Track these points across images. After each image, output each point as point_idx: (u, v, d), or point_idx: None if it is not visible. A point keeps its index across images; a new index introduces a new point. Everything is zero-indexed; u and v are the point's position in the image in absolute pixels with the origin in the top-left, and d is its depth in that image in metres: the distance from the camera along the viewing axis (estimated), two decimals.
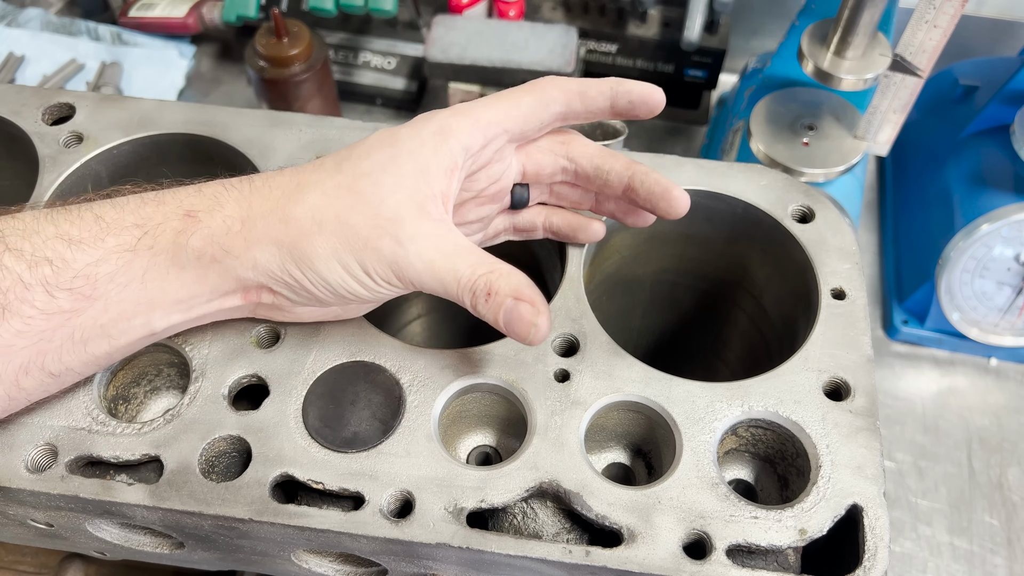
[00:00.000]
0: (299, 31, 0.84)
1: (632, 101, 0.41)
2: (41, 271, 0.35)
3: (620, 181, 0.43)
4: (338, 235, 0.37)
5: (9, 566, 0.61)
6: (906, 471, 0.74)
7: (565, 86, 0.40)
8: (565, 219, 0.46)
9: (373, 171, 0.37)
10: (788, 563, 0.38)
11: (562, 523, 0.39)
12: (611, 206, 0.45)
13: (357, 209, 0.37)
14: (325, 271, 0.37)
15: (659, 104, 0.41)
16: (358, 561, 0.43)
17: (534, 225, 0.46)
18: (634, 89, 0.41)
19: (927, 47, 0.60)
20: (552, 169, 0.44)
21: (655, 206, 0.42)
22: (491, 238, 0.46)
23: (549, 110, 0.40)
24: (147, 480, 0.39)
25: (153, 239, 0.37)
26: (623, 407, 0.41)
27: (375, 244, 0.36)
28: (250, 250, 0.37)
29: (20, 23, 1.00)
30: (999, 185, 0.71)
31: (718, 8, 0.85)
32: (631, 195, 0.43)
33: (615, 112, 0.41)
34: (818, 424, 0.40)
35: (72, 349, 0.37)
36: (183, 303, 0.38)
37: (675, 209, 0.42)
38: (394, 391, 0.40)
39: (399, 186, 0.37)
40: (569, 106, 0.40)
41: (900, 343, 0.81)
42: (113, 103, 0.51)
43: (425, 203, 0.37)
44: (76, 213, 0.37)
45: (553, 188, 0.45)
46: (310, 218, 0.37)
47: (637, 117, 0.42)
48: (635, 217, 0.45)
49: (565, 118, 0.41)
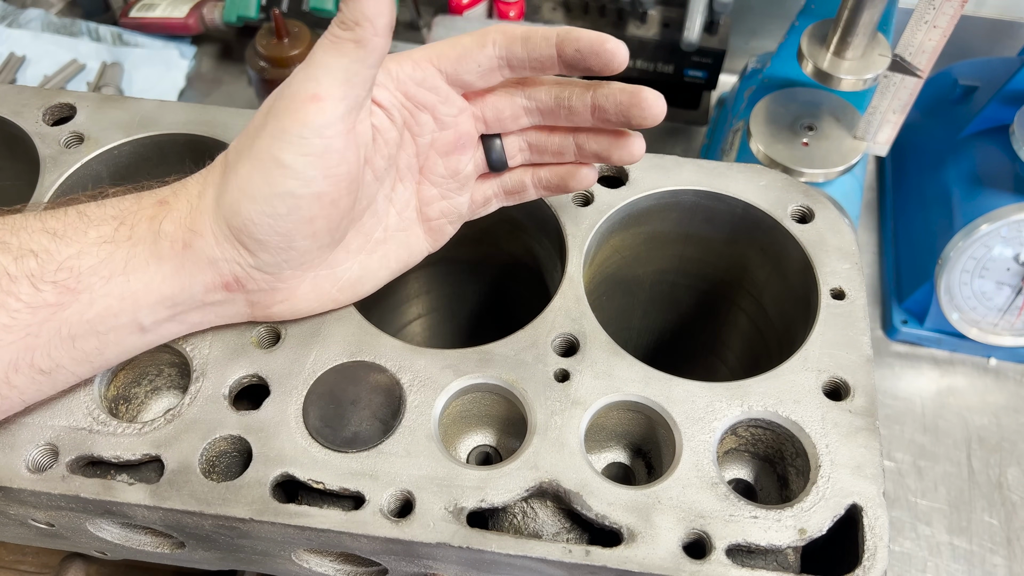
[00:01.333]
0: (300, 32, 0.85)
1: (579, 50, 0.37)
2: (27, 263, 0.36)
3: (584, 103, 0.40)
4: (244, 150, 0.37)
5: (10, 566, 0.61)
6: (905, 471, 0.74)
7: (508, 29, 0.39)
8: (553, 171, 0.44)
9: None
10: (788, 563, 0.39)
11: (562, 523, 0.39)
12: (592, 145, 0.42)
13: (264, 119, 0.37)
14: (246, 182, 0.37)
15: (612, 56, 0.38)
16: (358, 561, 0.43)
17: (523, 184, 0.45)
18: (583, 36, 0.37)
19: (927, 47, 0.60)
20: (512, 111, 0.41)
21: (629, 116, 0.39)
22: (481, 205, 0.45)
23: (486, 51, 0.38)
24: (148, 480, 0.39)
25: (130, 229, 0.37)
26: (623, 407, 0.41)
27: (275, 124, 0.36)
28: (207, 222, 0.38)
29: (21, 24, 1.00)
30: (998, 185, 0.71)
31: (718, 9, 0.85)
32: (602, 116, 0.40)
33: (564, 63, 0.38)
34: (818, 424, 0.40)
35: (60, 345, 0.37)
36: (168, 300, 0.38)
37: (650, 111, 0.39)
38: (394, 391, 0.41)
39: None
40: (510, 49, 0.38)
41: (899, 343, 0.81)
42: (114, 103, 0.51)
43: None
44: (62, 210, 0.38)
45: (529, 141, 0.43)
46: (234, 150, 0.38)
47: (591, 71, 0.38)
48: (619, 148, 0.42)
49: (509, 64, 0.39)
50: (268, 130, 0.36)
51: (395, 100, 0.39)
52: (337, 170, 0.37)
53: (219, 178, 0.38)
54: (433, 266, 0.46)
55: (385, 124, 0.39)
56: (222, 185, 0.38)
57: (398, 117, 0.40)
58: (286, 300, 0.41)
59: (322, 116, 0.35)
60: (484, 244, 0.50)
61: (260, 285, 0.40)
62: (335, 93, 0.35)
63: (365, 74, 0.36)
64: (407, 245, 0.44)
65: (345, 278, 0.42)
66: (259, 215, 0.37)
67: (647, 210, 0.49)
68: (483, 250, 0.54)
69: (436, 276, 0.61)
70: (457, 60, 0.39)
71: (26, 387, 0.37)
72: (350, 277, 0.42)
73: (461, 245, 0.47)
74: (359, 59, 0.35)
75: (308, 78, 0.36)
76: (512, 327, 0.43)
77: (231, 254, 0.38)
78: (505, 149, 0.43)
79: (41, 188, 0.47)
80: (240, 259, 0.38)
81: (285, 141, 0.36)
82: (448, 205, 0.44)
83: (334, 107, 0.36)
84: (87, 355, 0.38)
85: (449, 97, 0.40)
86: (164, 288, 0.38)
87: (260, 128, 0.37)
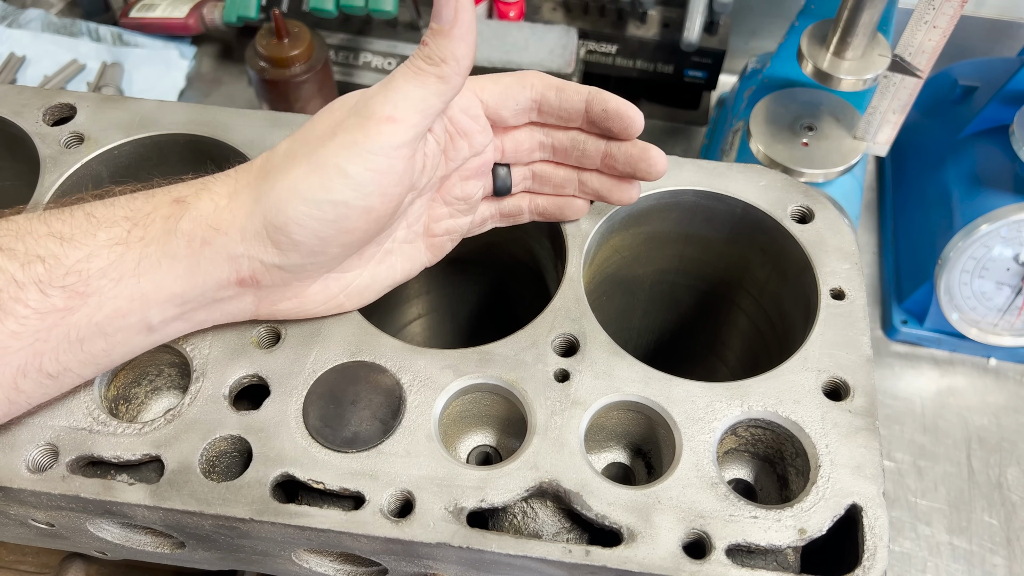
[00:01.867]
0: (300, 32, 0.85)
1: (606, 110, 0.42)
2: (34, 270, 0.35)
3: (598, 150, 0.43)
4: (302, 155, 0.38)
5: (10, 566, 0.61)
6: (905, 471, 0.74)
7: (545, 77, 0.42)
8: (551, 200, 0.47)
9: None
10: (788, 563, 0.39)
11: (562, 523, 0.39)
12: (594, 183, 0.45)
13: (317, 127, 0.38)
14: (301, 183, 0.37)
15: (632, 122, 0.42)
16: (358, 561, 0.43)
17: (520, 209, 0.47)
18: (611, 100, 0.42)
19: (926, 48, 0.60)
20: (530, 145, 0.44)
21: (635, 168, 0.43)
22: (478, 225, 0.47)
23: (524, 93, 0.42)
24: (148, 480, 0.40)
25: (144, 230, 0.37)
26: (623, 407, 0.41)
27: (331, 139, 0.38)
28: (237, 219, 0.38)
29: (21, 24, 1.00)
30: (998, 185, 0.71)
31: (718, 9, 0.85)
32: (611, 163, 0.44)
33: (589, 118, 0.42)
34: (817, 424, 0.40)
35: (68, 349, 0.37)
36: (178, 298, 0.38)
37: (655, 168, 0.43)
38: (394, 391, 0.41)
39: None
40: (544, 95, 0.42)
41: (899, 343, 0.81)
42: (114, 104, 0.51)
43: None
44: (68, 212, 0.38)
45: (535, 171, 0.46)
46: (282, 154, 0.38)
47: (611, 132, 0.43)
48: (620, 191, 0.45)
49: (540, 109, 0.42)
50: (338, 140, 0.37)
51: (442, 124, 0.41)
52: (393, 190, 0.38)
53: (256, 179, 0.39)
54: (433, 266, 0.46)
55: (433, 148, 0.41)
56: (265, 185, 0.38)
57: (442, 140, 0.41)
58: (294, 298, 0.41)
59: (395, 137, 0.37)
60: (484, 244, 0.50)
61: (275, 281, 0.40)
62: (410, 119, 0.37)
63: (439, 107, 0.38)
64: (411, 258, 0.45)
65: (354, 285, 0.42)
66: (306, 217, 0.37)
67: (647, 210, 0.49)
68: (483, 250, 0.54)
69: (436, 276, 0.61)
70: (499, 95, 0.42)
71: (33, 391, 0.37)
72: (358, 284, 0.43)
73: (461, 245, 0.47)
74: (438, 93, 0.38)
75: (386, 101, 0.37)
76: (512, 327, 0.43)
77: (256, 251, 0.38)
78: (512, 177, 0.45)
79: (41, 188, 0.47)
80: (265, 256, 0.38)
81: (354, 153, 0.37)
82: (454, 224, 0.45)
83: (407, 132, 0.37)
84: (94, 357, 0.38)
85: (486, 127, 0.43)
86: (175, 286, 0.38)
87: (326, 137, 0.38)
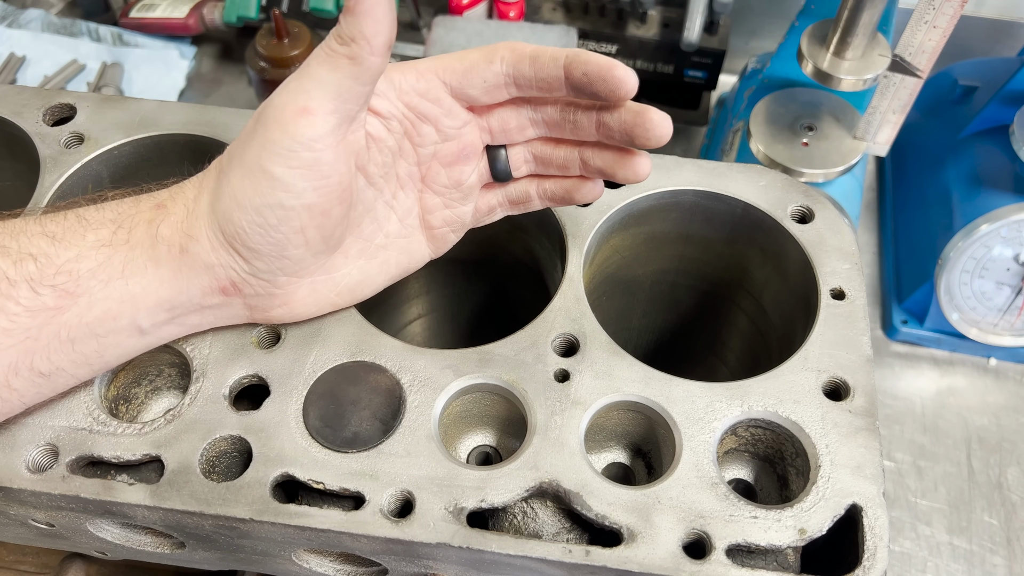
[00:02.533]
0: (300, 32, 0.85)
1: (587, 73, 0.37)
2: (26, 267, 0.36)
3: (590, 118, 0.40)
4: (236, 157, 0.37)
5: (10, 566, 0.61)
6: (905, 471, 0.74)
7: (517, 47, 0.38)
8: (558, 183, 0.44)
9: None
10: (788, 563, 0.39)
11: (562, 523, 0.39)
12: (597, 160, 0.41)
13: (258, 126, 0.37)
14: (238, 190, 0.36)
15: (621, 83, 0.37)
16: (358, 561, 0.43)
17: (528, 195, 0.44)
18: (591, 61, 0.37)
19: (926, 48, 0.60)
20: (518, 122, 0.41)
21: (632, 135, 0.39)
22: (485, 214, 0.45)
23: (493, 68, 0.38)
24: (148, 480, 0.40)
25: (128, 232, 0.38)
26: (623, 407, 0.41)
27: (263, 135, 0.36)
28: (203, 227, 0.38)
29: (21, 24, 1.00)
30: (998, 185, 0.71)
31: (718, 9, 0.85)
32: (607, 133, 0.40)
33: (571, 85, 0.38)
34: (817, 424, 0.40)
35: (60, 348, 0.37)
36: (166, 303, 0.38)
37: (654, 132, 0.39)
38: (394, 391, 0.41)
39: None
40: (517, 68, 0.38)
41: (899, 343, 0.81)
42: (114, 104, 0.51)
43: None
44: (61, 214, 0.38)
45: (535, 153, 0.43)
46: (228, 154, 0.37)
47: (597, 97, 0.38)
48: (624, 166, 0.41)
49: (516, 82, 0.39)
50: (257, 139, 0.36)
51: (395, 110, 0.39)
52: (327, 181, 0.37)
53: (214, 183, 0.38)
54: (433, 266, 0.46)
55: (382, 133, 0.39)
56: (216, 191, 0.37)
57: (397, 127, 0.40)
58: (284, 304, 0.41)
59: (311, 129, 0.35)
60: (484, 244, 0.50)
61: (257, 290, 0.40)
62: (326, 107, 0.35)
63: (359, 91, 0.35)
64: (408, 251, 0.44)
65: (344, 283, 0.42)
66: (250, 224, 0.37)
67: (647, 210, 0.49)
68: (483, 250, 0.54)
69: (436, 276, 0.61)
70: (463, 74, 0.39)
71: (26, 390, 0.37)
72: (349, 282, 0.42)
73: (461, 245, 0.47)
74: (353, 76, 0.35)
75: (300, 89, 0.35)
76: (512, 327, 0.43)
77: (227, 260, 0.38)
78: (510, 160, 0.43)
79: (41, 188, 0.47)
80: (235, 265, 0.38)
81: (273, 152, 0.35)
82: (451, 214, 0.44)
83: (324, 120, 0.35)
84: (87, 357, 0.38)
85: (452, 110, 0.40)
86: (162, 291, 0.38)
87: (250, 135, 0.36)
